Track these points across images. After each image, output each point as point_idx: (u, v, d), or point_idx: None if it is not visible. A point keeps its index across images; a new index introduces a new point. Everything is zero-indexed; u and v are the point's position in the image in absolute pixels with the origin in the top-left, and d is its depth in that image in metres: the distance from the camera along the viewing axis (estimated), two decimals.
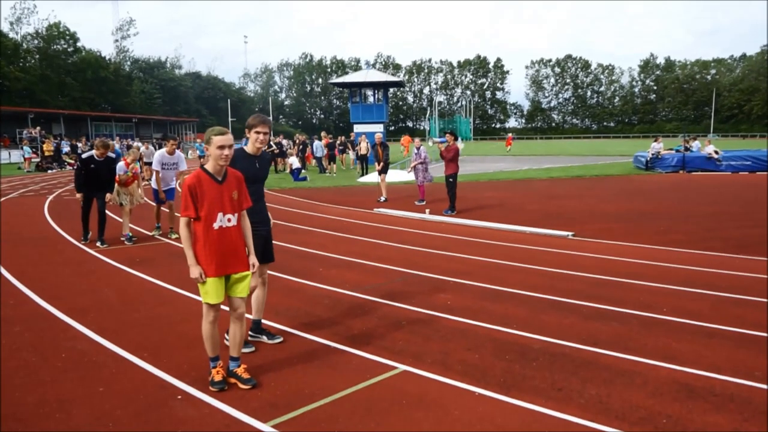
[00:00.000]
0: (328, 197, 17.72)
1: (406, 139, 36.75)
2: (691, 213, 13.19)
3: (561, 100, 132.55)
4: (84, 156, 9.77)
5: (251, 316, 5.02)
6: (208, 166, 4.06)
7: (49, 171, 32.12)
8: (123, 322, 5.65)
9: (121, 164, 10.08)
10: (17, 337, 5.27)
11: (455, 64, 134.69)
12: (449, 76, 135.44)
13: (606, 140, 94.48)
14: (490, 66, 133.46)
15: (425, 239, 10.27)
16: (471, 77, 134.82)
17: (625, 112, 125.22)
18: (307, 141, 32.10)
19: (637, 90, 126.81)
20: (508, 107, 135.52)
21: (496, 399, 3.90)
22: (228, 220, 4.05)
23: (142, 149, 23.84)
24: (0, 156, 39.09)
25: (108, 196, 9.70)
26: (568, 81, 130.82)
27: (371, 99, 36.95)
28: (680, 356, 4.61)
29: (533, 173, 26.22)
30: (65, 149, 36.77)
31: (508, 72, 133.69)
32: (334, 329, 5.39)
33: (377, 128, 31.21)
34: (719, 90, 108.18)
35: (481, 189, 19.63)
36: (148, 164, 19.39)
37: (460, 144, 39.13)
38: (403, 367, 4.45)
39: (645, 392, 3.97)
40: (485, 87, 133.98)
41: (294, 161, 25.33)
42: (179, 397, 3.98)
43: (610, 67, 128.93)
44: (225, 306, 4.19)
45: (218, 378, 4.08)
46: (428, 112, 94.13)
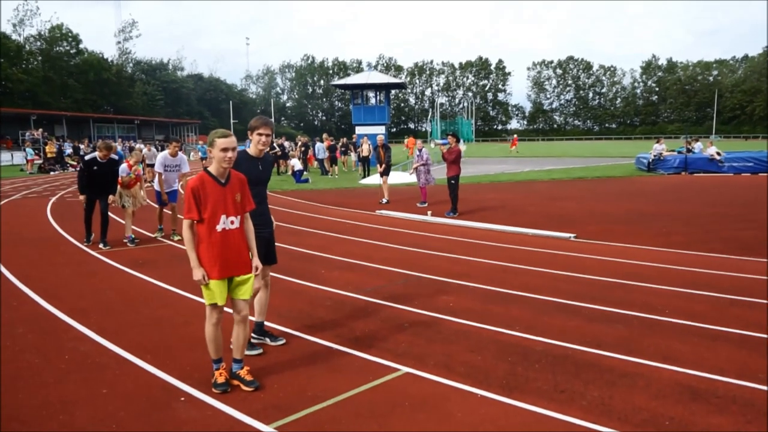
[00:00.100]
0: (330, 199, 17.74)
1: (411, 141, 36.68)
2: (694, 214, 13.18)
3: (563, 102, 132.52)
4: (87, 158, 9.81)
5: (254, 318, 5.03)
6: (212, 169, 4.07)
7: (52, 173, 32.20)
8: (125, 324, 5.66)
9: (124, 166, 10.11)
10: (20, 339, 5.28)
11: (457, 66, 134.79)
12: (451, 78, 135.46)
13: (608, 142, 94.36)
14: (492, 67, 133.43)
15: (427, 241, 10.27)
16: (473, 79, 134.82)
17: (627, 114, 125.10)
18: (309, 143, 32.15)
19: (639, 91, 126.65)
20: (510, 109, 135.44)
21: (499, 401, 3.91)
22: (231, 223, 4.06)
23: (145, 151, 23.86)
24: (2, 158, 39.17)
25: (110, 198, 9.72)
26: (570, 82, 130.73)
27: (373, 101, 36.97)
28: (683, 358, 4.60)
29: (535, 175, 26.22)
30: (68, 151, 36.86)
31: (510, 73, 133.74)
32: (337, 331, 5.39)
33: (379, 130, 31.26)
34: (721, 91, 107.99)
35: (483, 191, 19.63)
36: (151, 166, 19.41)
37: (463, 146, 39.12)
38: (406, 369, 4.45)
39: (648, 394, 3.97)
40: (487, 88, 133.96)
41: (296, 163, 25.35)
42: (182, 399, 3.99)
43: (612, 69, 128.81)
44: (228, 308, 4.20)
45: (221, 380, 4.09)
46: (430, 114, 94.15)
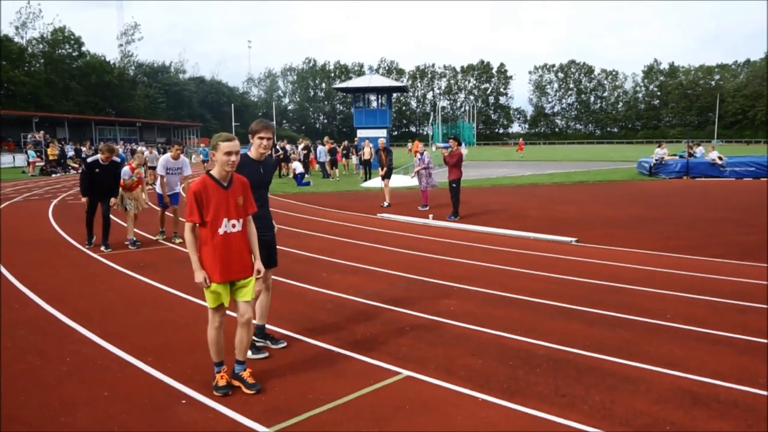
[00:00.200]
0: (332, 202, 17.75)
1: (417, 144, 36.27)
2: (695, 219, 13.17)
3: (564, 106, 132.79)
4: (89, 160, 9.82)
5: (255, 322, 5.02)
6: (214, 172, 4.08)
7: (54, 175, 32.26)
8: (127, 326, 5.67)
9: (126, 169, 10.12)
10: (21, 341, 5.29)
11: (458, 69, 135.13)
12: (452, 81, 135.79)
13: (609, 146, 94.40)
14: (494, 71, 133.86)
15: (428, 244, 10.27)
16: (474, 82, 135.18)
17: (629, 118, 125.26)
18: (311, 146, 32.17)
19: (641, 95, 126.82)
20: (512, 112, 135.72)
21: (500, 405, 3.90)
22: (233, 226, 4.06)
23: (146, 154, 23.90)
24: (4, 160, 39.25)
25: (112, 201, 9.73)
26: (572, 86, 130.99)
27: (375, 104, 37.03)
28: (684, 363, 4.60)
29: (536, 179, 26.21)
30: (69, 153, 36.93)
31: (512, 77, 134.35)
32: (338, 334, 5.39)
33: (380, 133, 31.32)
34: (723, 96, 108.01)
35: (485, 194, 19.63)
36: (152, 169, 19.45)
37: (464, 149, 39.08)
38: (407, 373, 4.45)
39: (649, 399, 3.97)
40: (488, 92, 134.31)
41: (297, 166, 25.37)
42: (183, 402, 3.99)
43: (614, 73, 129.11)
44: (232, 312, 4.21)
45: (222, 383, 4.09)
46: (431, 117, 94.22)
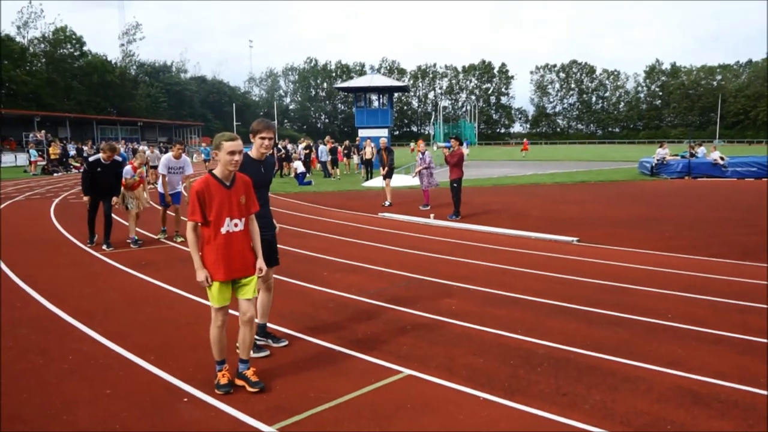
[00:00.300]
0: (333, 202, 17.76)
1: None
2: (696, 219, 13.16)
3: (566, 106, 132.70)
4: (91, 159, 9.83)
5: (257, 320, 5.03)
6: (217, 171, 4.09)
7: (55, 174, 32.29)
8: (128, 325, 5.68)
9: (128, 168, 10.14)
10: (23, 339, 5.30)
11: (460, 69, 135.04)
12: (454, 81, 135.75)
13: (611, 146, 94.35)
14: (495, 71, 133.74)
15: (430, 244, 10.28)
16: (476, 82, 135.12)
17: (631, 118, 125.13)
18: (312, 145, 32.17)
19: (643, 96, 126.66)
20: (513, 112, 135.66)
21: (501, 404, 3.91)
22: (235, 225, 4.08)
23: (148, 153, 23.92)
24: (5, 159, 39.31)
25: (114, 200, 9.74)
26: (573, 86, 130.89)
27: (376, 103, 36.97)
28: (685, 362, 4.60)
29: (538, 178, 26.20)
30: (71, 152, 36.97)
31: (513, 77, 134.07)
32: (339, 333, 5.40)
33: (382, 133, 31.24)
34: (725, 96, 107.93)
35: (486, 194, 19.63)
36: (154, 168, 19.48)
37: (465, 149, 38.96)
38: (408, 372, 4.46)
39: (650, 398, 3.97)
40: (490, 92, 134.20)
41: (299, 165, 25.39)
42: (185, 400, 4.00)
43: (616, 73, 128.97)
44: (234, 311, 4.22)
45: (224, 381, 4.11)
46: (433, 117, 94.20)
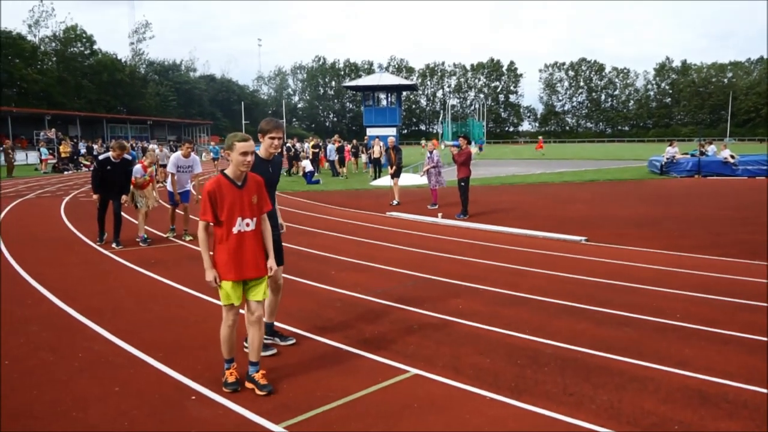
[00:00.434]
0: (341, 200, 17.78)
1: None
2: (706, 218, 13.08)
3: (575, 104, 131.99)
4: (100, 158, 9.90)
5: (264, 319, 5.06)
6: (229, 171, 4.11)
7: (65, 172, 32.51)
8: (138, 323, 5.72)
9: (138, 167, 10.19)
10: (34, 337, 5.36)
11: (468, 67, 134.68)
12: (462, 80, 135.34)
13: (620, 144, 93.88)
14: (504, 69, 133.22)
15: (437, 243, 10.28)
16: (484, 80, 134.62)
17: (640, 116, 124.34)
18: (321, 144, 32.22)
19: (653, 93, 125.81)
20: (522, 111, 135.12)
21: (508, 403, 3.91)
22: (246, 225, 4.10)
23: (157, 151, 24.03)
24: (17, 157, 39.56)
25: (123, 198, 9.80)
26: (582, 84, 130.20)
27: (384, 102, 36.95)
28: (693, 362, 4.59)
29: (546, 177, 26.12)
30: (82, 151, 37.23)
31: (522, 75, 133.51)
32: (346, 332, 5.42)
33: (390, 131, 31.24)
34: (736, 93, 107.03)
35: (494, 193, 19.60)
36: (163, 166, 19.57)
37: (474, 148, 38.78)
38: (415, 371, 4.47)
39: (657, 398, 3.96)
40: (498, 90, 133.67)
41: (307, 164, 25.45)
42: (193, 398, 4.03)
43: (625, 71, 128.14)
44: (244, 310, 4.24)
45: (232, 379, 4.13)
46: (441, 116, 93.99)
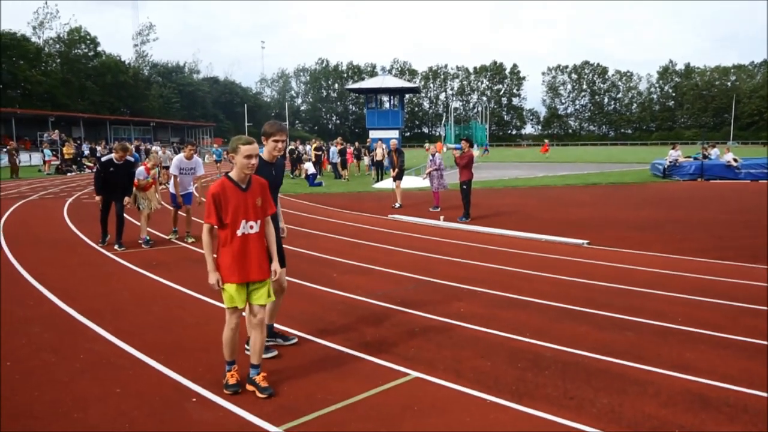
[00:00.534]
0: (343, 203, 17.79)
1: (439, 146, 35.27)
2: (708, 221, 13.06)
3: (578, 107, 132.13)
4: (103, 159, 9.92)
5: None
6: (233, 174, 4.13)
7: (69, 174, 32.60)
8: (139, 325, 5.73)
9: (142, 169, 10.22)
10: (36, 338, 5.37)
11: (471, 70, 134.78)
12: (465, 82, 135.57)
13: (623, 147, 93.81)
14: (507, 72, 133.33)
15: (439, 246, 10.28)
16: (487, 83, 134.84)
17: (643, 119, 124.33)
18: (323, 146, 32.24)
19: (656, 97, 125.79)
20: (525, 113, 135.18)
21: (508, 407, 3.91)
22: (250, 227, 4.11)
23: (160, 153, 24.10)
24: (20, 158, 39.67)
25: (126, 200, 9.82)
26: (585, 87, 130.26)
27: (387, 105, 37.04)
28: (694, 366, 4.58)
29: (549, 180, 26.10)
30: (85, 152, 37.34)
31: (525, 78, 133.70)
32: (347, 335, 5.42)
33: (393, 134, 31.34)
34: (739, 96, 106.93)
35: (496, 196, 19.59)
36: (166, 168, 19.62)
37: (476, 151, 38.65)
38: (416, 374, 4.47)
39: (658, 402, 3.95)
40: (501, 93, 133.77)
41: (309, 167, 25.47)
42: (194, 400, 4.04)
43: (628, 74, 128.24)
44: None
45: (232, 381, 4.14)
46: (444, 118, 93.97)
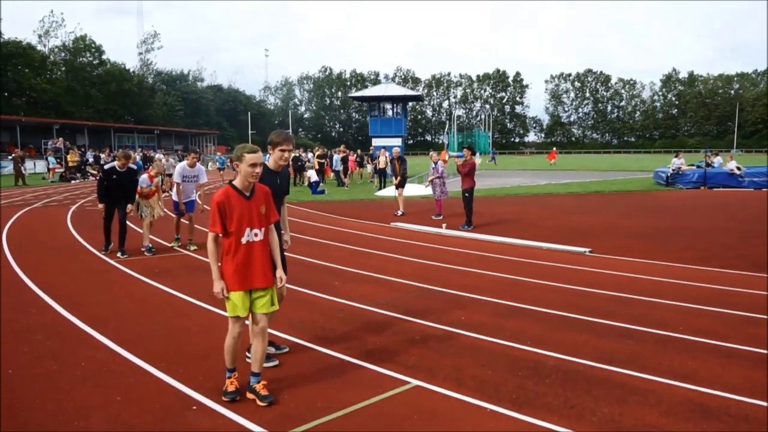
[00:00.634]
0: (346, 211, 17.81)
1: (443, 154, 35.15)
2: (711, 230, 13.03)
3: (581, 115, 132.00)
4: (106, 167, 9.97)
5: None
6: (237, 182, 4.15)
7: (73, 181, 32.72)
8: (141, 332, 5.75)
9: (145, 177, 10.27)
10: (38, 345, 5.39)
11: (474, 78, 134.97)
12: (468, 90, 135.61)
13: (626, 155, 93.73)
14: (510, 80, 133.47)
15: (441, 254, 10.28)
16: (490, 91, 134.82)
17: (647, 127, 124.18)
18: (327, 154, 32.29)
19: (659, 105, 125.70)
20: (528, 121, 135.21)
21: (509, 416, 3.91)
22: (255, 235, 4.13)
23: (163, 161, 24.19)
24: (25, 166, 39.84)
25: (129, 207, 9.86)
26: (588, 95, 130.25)
27: (390, 113, 37.13)
28: (695, 375, 4.57)
29: (551, 188, 26.07)
30: (89, 160, 37.49)
31: (528, 86, 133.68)
32: (349, 343, 5.42)
33: (396, 142, 31.39)
34: (743, 105, 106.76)
35: (499, 204, 19.59)
36: (169, 176, 19.69)
37: (478, 159, 38.57)
38: (416, 383, 4.47)
39: (658, 411, 3.94)
40: (504, 101, 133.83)
41: (312, 174, 25.53)
42: (194, 408, 4.04)
43: (631, 82, 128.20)
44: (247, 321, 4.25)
45: (231, 388, 4.15)
46: (447, 126, 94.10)
